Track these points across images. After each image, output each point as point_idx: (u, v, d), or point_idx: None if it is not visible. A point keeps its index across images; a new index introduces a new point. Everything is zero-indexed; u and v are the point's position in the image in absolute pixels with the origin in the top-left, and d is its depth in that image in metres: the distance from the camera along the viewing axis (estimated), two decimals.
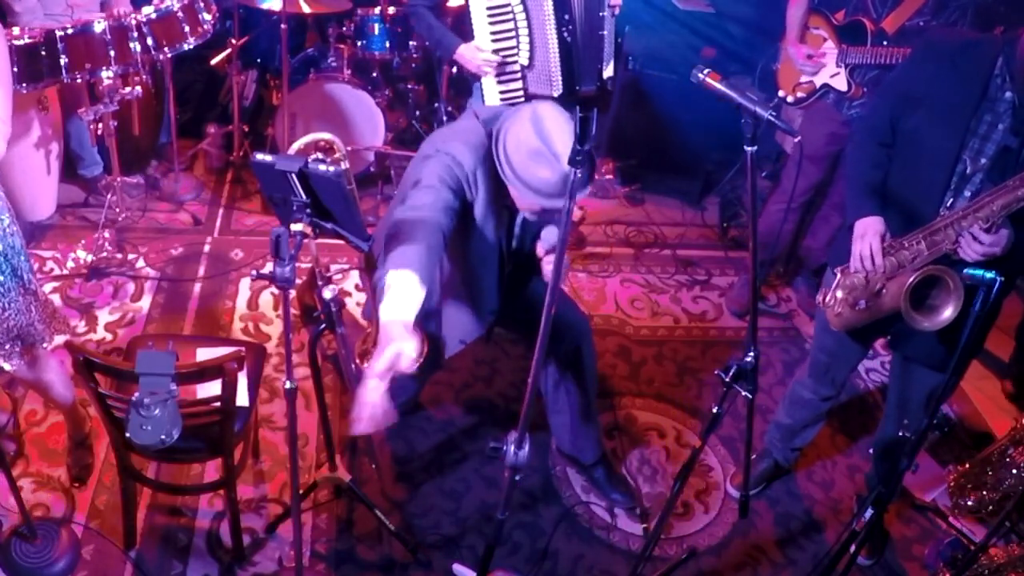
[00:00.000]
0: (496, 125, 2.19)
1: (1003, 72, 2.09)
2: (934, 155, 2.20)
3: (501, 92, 3.15)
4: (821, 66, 3.24)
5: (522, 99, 3.16)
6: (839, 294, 2.42)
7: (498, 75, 3.12)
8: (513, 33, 3.02)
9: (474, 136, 2.22)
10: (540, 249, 2.36)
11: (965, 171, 2.17)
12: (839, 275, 2.42)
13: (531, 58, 3.05)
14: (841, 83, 3.21)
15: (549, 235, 2.48)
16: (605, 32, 3.09)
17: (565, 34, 2.99)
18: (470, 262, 2.40)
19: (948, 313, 2.17)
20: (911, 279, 2.17)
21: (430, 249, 1.96)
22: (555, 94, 3.08)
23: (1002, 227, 2.09)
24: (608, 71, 3.19)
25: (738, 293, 3.88)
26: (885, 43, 3.04)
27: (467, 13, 3.08)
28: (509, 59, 3.09)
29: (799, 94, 3.35)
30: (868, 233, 2.29)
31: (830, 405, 2.82)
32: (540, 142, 2.05)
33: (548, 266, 2.43)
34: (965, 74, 2.14)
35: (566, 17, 2.96)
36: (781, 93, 3.42)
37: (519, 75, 3.11)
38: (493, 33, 3.06)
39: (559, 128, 2.06)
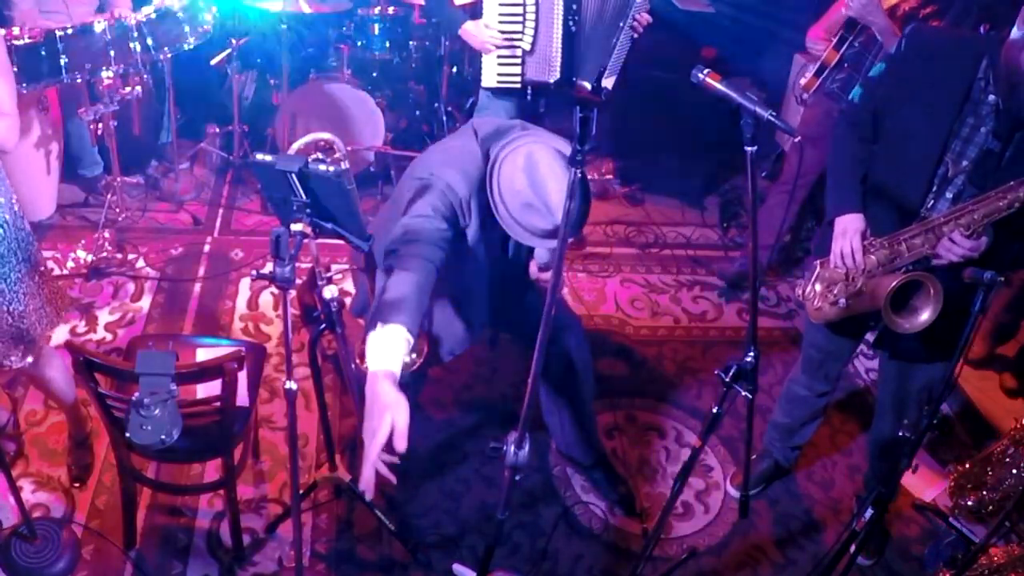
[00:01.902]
0: (494, 150, 2.15)
1: (987, 75, 2.08)
2: (916, 156, 2.21)
3: (499, 75, 3.18)
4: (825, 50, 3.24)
5: (518, 84, 3.17)
6: (818, 287, 2.43)
7: (499, 57, 3.14)
8: (520, 17, 3.04)
9: (470, 161, 2.20)
10: (534, 268, 2.36)
11: (946, 173, 2.17)
12: (818, 267, 2.42)
13: (533, 43, 3.08)
14: (824, 52, 3.21)
15: (542, 252, 2.48)
16: (617, 41, 3.11)
17: (571, 23, 3.01)
18: (462, 280, 2.41)
19: (926, 316, 2.18)
20: (893, 284, 2.18)
21: (421, 291, 1.98)
22: (551, 80, 3.10)
23: (983, 234, 2.10)
24: (609, 83, 3.20)
25: (731, 263, 4.01)
26: None
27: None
28: (512, 43, 3.11)
29: (807, 75, 3.32)
30: (849, 231, 2.30)
31: (826, 401, 2.82)
32: (533, 195, 2.04)
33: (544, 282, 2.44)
34: (949, 75, 2.14)
35: (574, 7, 2.98)
36: (802, 82, 3.37)
37: (519, 60, 3.13)
38: (502, 15, 3.10)
39: (553, 176, 2.04)
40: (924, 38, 2.25)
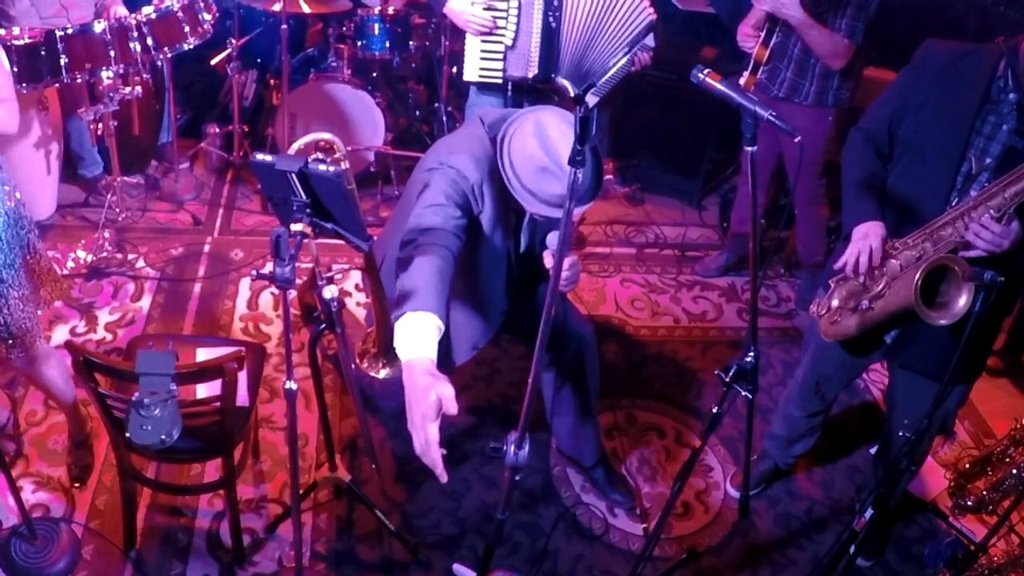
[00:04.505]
0: (500, 132, 2.15)
1: (1006, 74, 2.08)
2: (938, 155, 2.17)
3: (481, 69, 3.16)
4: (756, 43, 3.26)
5: (499, 80, 3.17)
6: (834, 303, 2.37)
7: (482, 52, 3.13)
8: (504, 12, 3.03)
9: (479, 146, 2.19)
10: (548, 259, 2.36)
11: (970, 171, 2.14)
12: (833, 285, 2.38)
13: (515, 39, 3.07)
14: (755, 50, 3.23)
15: (554, 239, 2.47)
16: (616, 63, 3.10)
17: (551, 19, 3.01)
18: (479, 271, 2.40)
19: (962, 302, 2.07)
20: (919, 272, 2.10)
21: (442, 277, 1.95)
22: (530, 75, 3.09)
23: (1013, 220, 2.04)
24: (592, 100, 3.19)
25: (712, 259, 4.07)
26: None
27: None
28: (494, 38, 3.10)
29: (745, 74, 3.33)
30: (870, 234, 2.24)
31: (822, 419, 2.80)
32: (547, 158, 2.03)
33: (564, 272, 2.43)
34: (966, 77, 2.13)
35: (555, 3, 2.98)
36: (742, 82, 3.37)
37: (502, 55, 3.12)
38: (487, 8, 3.09)
39: (564, 139, 2.03)
40: (938, 49, 2.23)
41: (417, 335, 1.83)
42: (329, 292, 2.04)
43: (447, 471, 1.76)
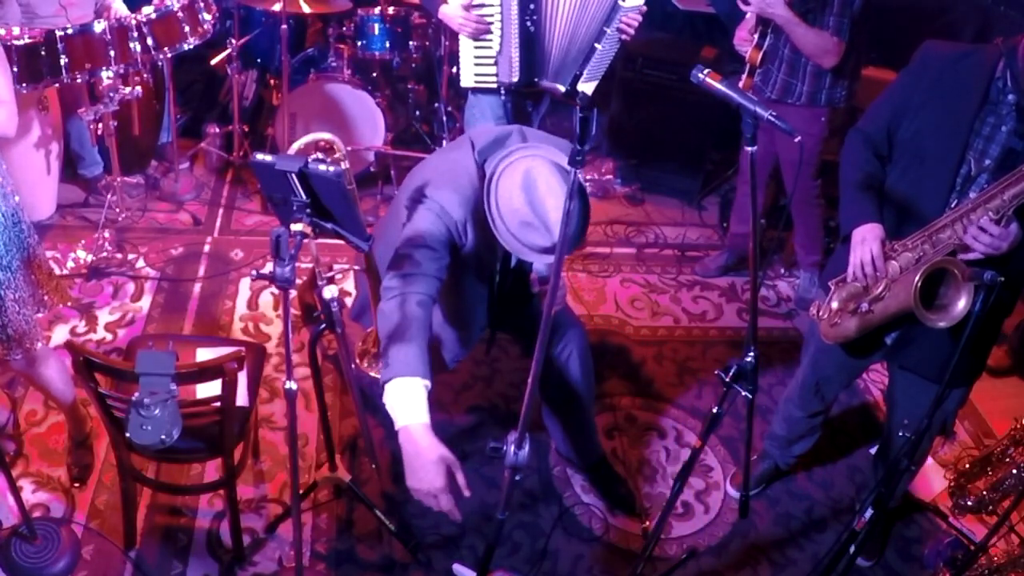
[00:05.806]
0: (490, 164, 2.13)
1: (1004, 75, 2.07)
2: (937, 156, 2.17)
3: (476, 75, 3.17)
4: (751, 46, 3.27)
5: (494, 85, 3.17)
6: (834, 305, 2.37)
7: (476, 58, 3.13)
8: (491, 18, 3.04)
9: (465, 179, 2.18)
10: (535, 284, 2.37)
11: (969, 172, 2.14)
12: (833, 287, 2.38)
13: (500, 44, 3.08)
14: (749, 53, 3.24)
15: (541, 266, 2.48)
16: (599, 47, 3.10)
17: (528, 23, 3.01)
18: (461, 296, 2.42)
19: (962, 305, 2.07)
20: (918, 276, 2.10)
21: (424, 329, 2.04)
22: (514, 79, 3.10)
23: (1011, 222, 2.04)
24: (588, 88, 3.19)
25: (712, 259, 4.06)
26: None
27: None
28: (485, 44, 3.10)
29: (743, 78, 3.34)
30: (868, 238, 2.23)
31: (822, 419, 2.80)
32: (532, 214, 2.03)
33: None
34: (965, 78, 2.12)
35: (531, 7, 2.98)
36: (740, 85, 3.38)
37: (493, 62, 3.12)
38: (476, 8, 3.09)
39: (551, 194, 2.01)
40: (937, 50, 2.23)
41: (408, 401, 1.94)
42: (329, 292, 2.04)
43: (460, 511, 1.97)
